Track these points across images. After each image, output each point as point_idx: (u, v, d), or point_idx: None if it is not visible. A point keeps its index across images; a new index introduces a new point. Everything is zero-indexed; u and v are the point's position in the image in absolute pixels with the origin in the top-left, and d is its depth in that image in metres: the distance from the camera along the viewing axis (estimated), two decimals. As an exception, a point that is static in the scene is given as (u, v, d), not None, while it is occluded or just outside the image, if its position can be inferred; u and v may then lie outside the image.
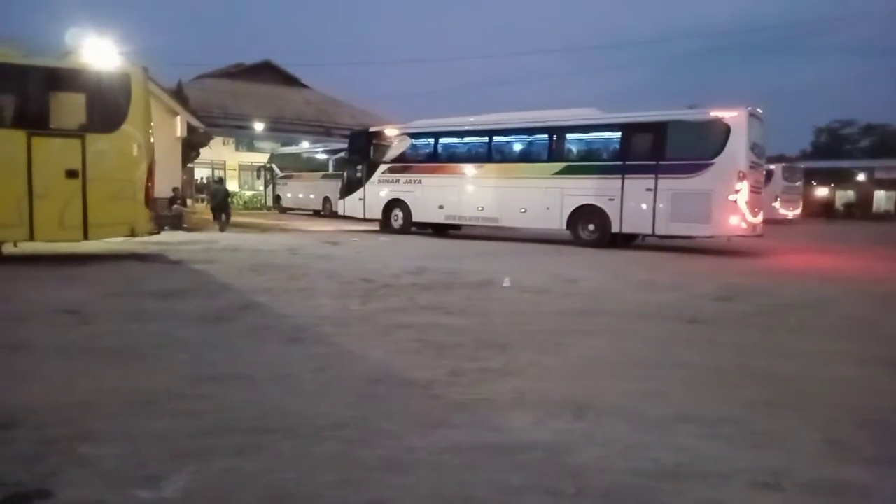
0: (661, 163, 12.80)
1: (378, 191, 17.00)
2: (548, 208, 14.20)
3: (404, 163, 16.76)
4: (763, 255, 12.82)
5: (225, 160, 35.06)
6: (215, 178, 21.38)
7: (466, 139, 16.48)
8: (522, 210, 14.71)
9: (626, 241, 13.90)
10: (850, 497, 2.41)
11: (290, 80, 41.97)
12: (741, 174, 12.13)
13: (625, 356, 4.52)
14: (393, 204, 16.79)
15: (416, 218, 16.51)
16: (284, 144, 32.45)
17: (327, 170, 26.20)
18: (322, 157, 27.52)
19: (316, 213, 25.83)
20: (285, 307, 5.97)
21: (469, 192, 15.55)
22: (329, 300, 6.41)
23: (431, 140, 16.53)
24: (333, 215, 24.46)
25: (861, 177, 41.70)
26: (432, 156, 16.47)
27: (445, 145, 16.55)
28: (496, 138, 15.67)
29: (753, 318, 6.16)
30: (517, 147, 15.90)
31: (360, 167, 17.49)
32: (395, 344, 4.66)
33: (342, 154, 22.22)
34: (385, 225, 16.92)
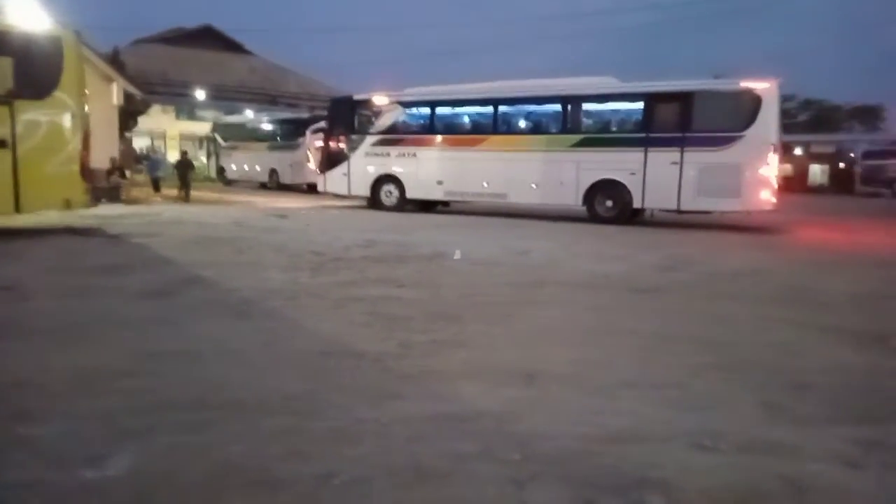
0: (688, 135, 12.28)
1: (365, 165, 15.58)
2: (562, 183, 13.41)
3: (396, 134, 15.42)
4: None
5: (165, 129, 33.84)
6: (182, 151, 20.47)
7: (469, 109, 15.32)
8: (534, 185, 13.78)
9: (633, 216, 13.34)
10: (781, 455, 2.54)
11: (233, 47, 40.55)
12: (773, 147, 11.92)
13: (572, 325, 4.62)
14: (384, 180, 15.44)
15: (410, 195, 15.26)
16: (228, 113, 31.44)
17: (274, 140, 25.59)
18: (268, 126, 26.82)
19: (262, 186, 25.26)
20: (232, 281, 5.84)
21: (473, 166, 14.39)
22: (277, 274, 6.31)
23: (428, 109, 15.24)
24: (281, 187, 24.01)
25: (798, 150, 43.35)
26: (429, 127, 15.17)
27: (444, 115, 15.35)
28: (503, 108, 14.54)
29: (696, 286, 6.37)
30: (528, 118, 14.83)
31: (342, 138, 15.98)
32: (345, 317, 4.63)
33: (320, 124, 20.29)
34: (374, 202, 15.57)
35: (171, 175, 19.16)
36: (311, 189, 23.03)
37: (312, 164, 22.87)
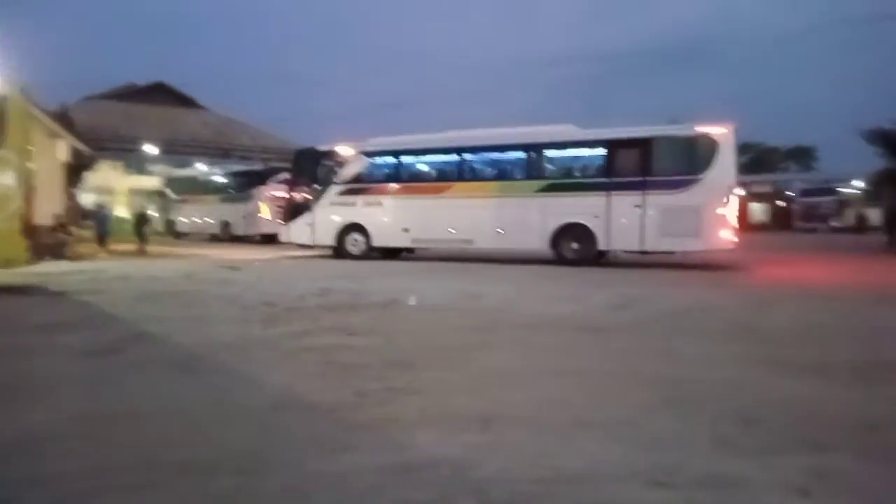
0: (649, 179, 12.73)
1: (330, 214, 15.67)
2: (529, 228, 13.69)
3: (361, 183, 15.59)
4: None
5: (113, 185, 33.15)
6: (140, 207, 20.07)
7: (433, 157, 15.71)
8: (500, 231, 14.05)
9: (598, 258, 13.60)
10: (734, 489, 2.57)
11: (185, 101, 40.46)
12: (730, 188, 12.42)
13: (527, 367, 4.62)
14: (349, 228, 15.54)
15: (376, 242, 15.40)
16: (179, 167, 31.12)
17: (227, 192, 25.35)
18: (221, 179, 26.60)
19: (214, 238, 24.86)
20: (180, 336, 5.67)
21: (438, 213, 14.63)
22: (228, 327, 6.16)
23: (393, 159, 15.56)
24: (234, 239, 23.68)
25: (739, 191, 45.17)
26: (394, 175, 15.46)
27: (409, 164, 15.69)
28: (467, 156, 14.95)
29: (647, 324, 6.49)
30: (493, 165, 15.22)
31: (306, 189, 16.14)
32: (298, 368, 4.54)
33: (282, 175, 20.36)
34: (340, 251, 15.61)
35: (119, 231, 18.76)
36: (265, 240, 22.83)
37: (266, 215, 22.71)
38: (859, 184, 37.78)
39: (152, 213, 30.54)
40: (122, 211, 32.49)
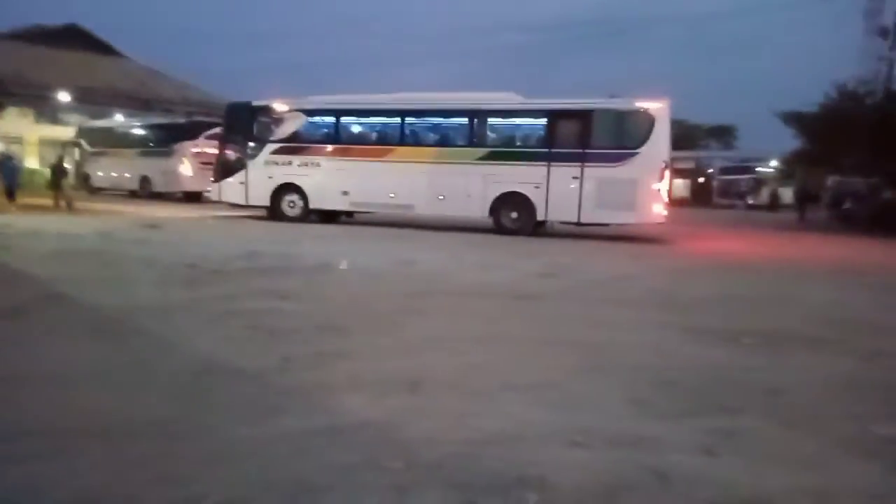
0: (587, 151, 12.81)
1: (265, 174, 15.00)
2: (469, 195, 13.59)
3: (299, 142, 14.95)
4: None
5: (23, 134, 30.94)
6: (57, 156, 18.60)
7: (375, 119, 15.28)
8: (441, 197, 13.91)
9: (537, 228, 13.68)
10: (646, 448, 2.71)
11: (102, 48, 37.89)
12: (665, 163, 12.52)
13: (456, 333, 4.69)
14: (285, 189, 14.93)
15: (314, 205, 14.91)
16: (95, 118, 29.24)
17: (147, 146, 24.11)
18: (140, 131, 25.24)
19: (133, 194, 23.70)
20: (95, 298, 5.42)
21: (379, 177, 14.24)
22: (147, 289, 5.94)
23: (333, 118, 15.03)
24: (153, 196, 22.66)
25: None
26: (334, 136, 14.93)
27: (350, 125, 15.21)
28: (410, 119, 14.58)
29: (573, 292, 6.69)
30: (435, 130, 14.91)
31: (239, 146, 15.33)
32: (223, 332, 4.43)
33: (214, 130, 19.08)
34: (275, 212, 15.00)
35: (30, 183, 17.59)
36: (188, 198, 21.94)
37: (189, 172, 21.80)
38: (775, 163, 39.84)
39: (32, 165, 28.88)
40: (32, 162, 30.51)
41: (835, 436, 2.97)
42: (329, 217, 15.37)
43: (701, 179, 39.30)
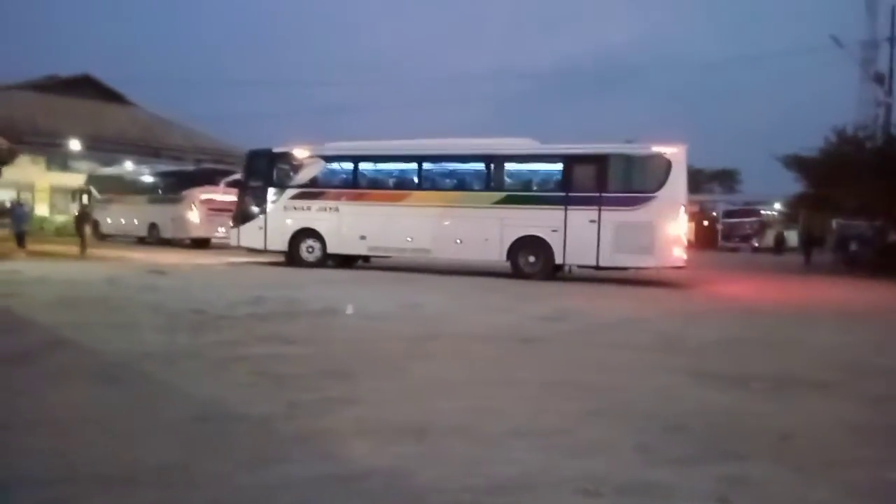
0: (605, 195, 12.80)
1: (284, 219, 15.09)
2: (486, 239, 13.56)
3: (317, 188, 15.10)
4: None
5: (34, 181, 31.41)
6: (81, 203, 18.91)
7: (393, 164, 15.46)
8: (458, 241, 13.89)
9: (555, 272, 13.59)
10: (656, 496, 2.66)
11: (113, 96, 38.70)
12: (683, 207, 12.61)
13: (463, 377, 4.65)
14: (303, 234, 14.98)
15: (332, 249, 14.92)
16: (105, 165, 29.71)
17: (156, 193, 24.42)
18: (149, 179, 25.59)
19: (141, 240, 23.88)
20: (100, 344, 5.42)
21: (397, 221, 14.29)
22: (152, 335, 5.93)
23: (351, 164, 15.16)
24: (161, 243, 22.83)
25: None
26: (352, 181, 15.07)
27: (368, 170, 15.37)
28: (427, 165, 14.78)
29: (578, 335, 6.65)
30: (452, 175, 15.02)
31: (259, 192, 15.45)
32: (228, 378, 4.41)
33: (234, 176, 19.41)
34: (293, 257, 15.02)
35: (39, 229, 17.78)
36: (196, 244, 22.09)
37: (197, 219, 22.01)
38: (778, 206, 39.98)
39: (66, 212, 29.18)
40: (42, 209, 30.88)
41: (847, 481, 2.91)
42: (346, 262, 15.42)
43: (705, 223, 39.38)
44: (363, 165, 15.26)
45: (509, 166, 14.32)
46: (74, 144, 30.38)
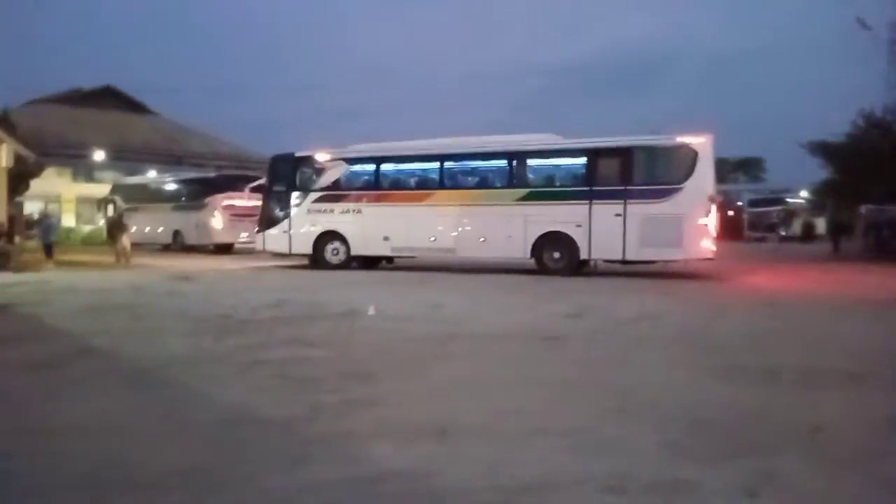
0: (630, 188, 12.67)
1: (308, 222, 15.24)
2: (510, 236, 13.51)
3: (340, 191, 15.25)
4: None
5: (60, 192, 32.05)
6: (116, 212, 19.28)
7: (415, 165, 15.48)
8: (482, 239, 13.85)
9: (580, 267, 13.47)
10: (684, 492, 2.62)
11: (136, 107, 39.36)
12: (711, 198, 12.34)
13: (484, 377, 4.64)
14: (327, 236, 15.09)
15: (356, 251, 15.00)
16: (129, 174, 30.19)
17: (179, 200, 24.74)
18: (172, 186, 25.94)
19: (166, 248, 24.22)
20: (127, 350, 5.51)
21: (420, 221, 14.30)
22: (177, 340, 6.00)
23: (373, 166, 15.22)
24: (186, 249, 23.13)
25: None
26: (374, 183, 15.15)
27: (390, 171, 15.41)
28: (449, 164, 14.73)
29: (601, 332, 6.59)
30: (474, 173, 15.01)
31: (283, 196, 15.60)
32: (252, 382, 4.45)
33: (259, 181, 19.60)
34: (317, 260, 15.15)
35: (63, 240, 18.06)
36: (220, 250, 22.35)
37: (218, 224, 22.25)
38: (805, 194, 39.24)
39: (93, 222, 29.65)
40: (69, 219, 31.45)
41: (879, 476, 2.84)
42: (370, 263, 15.48)
43: (731, 213, 38.80)
44: (385, 167, 15.30)
45: (531, 162, 14.22)
46: (99, 155, 30.93)
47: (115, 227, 17.60)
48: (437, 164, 14.83)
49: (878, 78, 24.84)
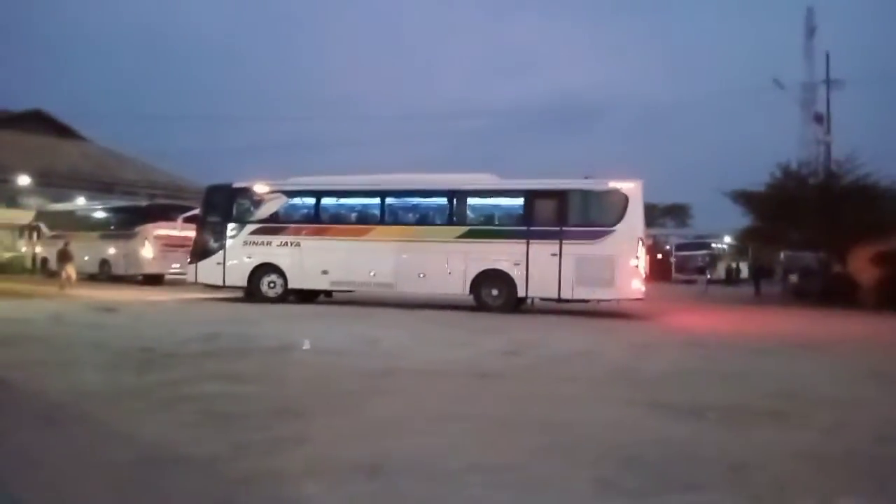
0: (565, 229, 13.07)
1: (244, 254, 14.96)
2: (449, 273, 13.65)
3: (279, 223, 15.02)
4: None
5: (-22, 217, 30.28)
6: (63, 243, 18.63)
7: (355, 199, 15.48)
8: (421, 275, 13.92)
9: (518, 305, 13.69)
10: (614, 529, 2.62)
11: (65, 131, 37.93)
12: (641, 240, 12.86)
13: (418, 413, 4.56)
14: (264, 269, 14.82)
15: (293, 284, 14.78)
16: (57, 200, 28.88)
17: (107, 228, 23.75)
18: (100, 214, 24.92)
19: (91, 277, 23.12)
20: (40, 384, 5.16)
21: (359, 255, 14.28)
22: (96, 374, 5.68)
23: (313, 199, 15.15)
24: (113, 279, 22.15)
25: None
26: (314, 216, 15.03)
27: (330, 205, 15.35)
28: (390, 200, 14.81)
29: (535, 369, 6.62)
30: (415, 209, 15.13)
31: (219, 227, 15.27)
32: (173, 418, 4.23)
33: (193, 212, 19.12)
34: (253, 293, 14.83)
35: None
36: (149, 281, 21.48)
37: (149, 254, 21.44)
38: (728, 239, 41.18)
39: (13, 250, 28.15)
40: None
41: (802, 511, 2.92)
42: (308, 297, 15.25)
43: (660, 256, 40.25)
44: (325, 200, 15.24)
45: (471, 201, 14.47)
46: (23, 179, 29.51)
47: (62, 257, 16.93)
48: (377, 200, 14.89)
49: (794, 133, 26.57)
